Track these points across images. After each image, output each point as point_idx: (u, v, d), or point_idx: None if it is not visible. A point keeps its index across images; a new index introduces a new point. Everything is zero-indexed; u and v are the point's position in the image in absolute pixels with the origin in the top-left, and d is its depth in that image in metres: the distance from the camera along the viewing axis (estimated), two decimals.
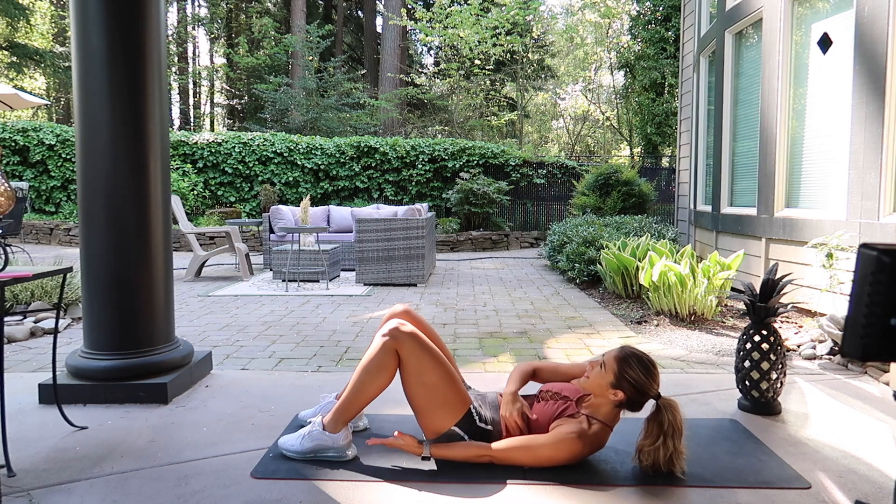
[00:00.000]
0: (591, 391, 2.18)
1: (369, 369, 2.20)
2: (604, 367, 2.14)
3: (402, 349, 2.18)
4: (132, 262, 2.91)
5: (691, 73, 8.30)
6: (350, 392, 2.22)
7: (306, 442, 2.24)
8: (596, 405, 2.18)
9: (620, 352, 2.15)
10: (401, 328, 2.19)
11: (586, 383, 2.18)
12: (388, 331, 2.19)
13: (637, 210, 9.46)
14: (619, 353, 2.14)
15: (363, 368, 2.22)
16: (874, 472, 2.18)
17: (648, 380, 2.09)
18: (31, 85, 22.25)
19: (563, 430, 2.12)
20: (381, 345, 2.19)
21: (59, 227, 10.77)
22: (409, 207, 7.09)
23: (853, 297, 0.95)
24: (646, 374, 2.09)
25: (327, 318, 4.96)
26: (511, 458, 2.15)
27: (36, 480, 2.11)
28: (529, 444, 2.14)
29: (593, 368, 2.18)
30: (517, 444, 2.15)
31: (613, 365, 2.12)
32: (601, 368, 2.15)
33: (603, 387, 2.13)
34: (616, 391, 2.11)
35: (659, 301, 4.84)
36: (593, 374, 2.16)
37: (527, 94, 21.11)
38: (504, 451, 2.15)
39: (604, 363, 2.15)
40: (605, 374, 2.13)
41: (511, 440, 2.17)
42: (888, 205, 4.00)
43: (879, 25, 4.02)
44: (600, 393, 2.15)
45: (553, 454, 2.11)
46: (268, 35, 22.52)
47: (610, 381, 2.11)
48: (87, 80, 2.83)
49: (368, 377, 2.20)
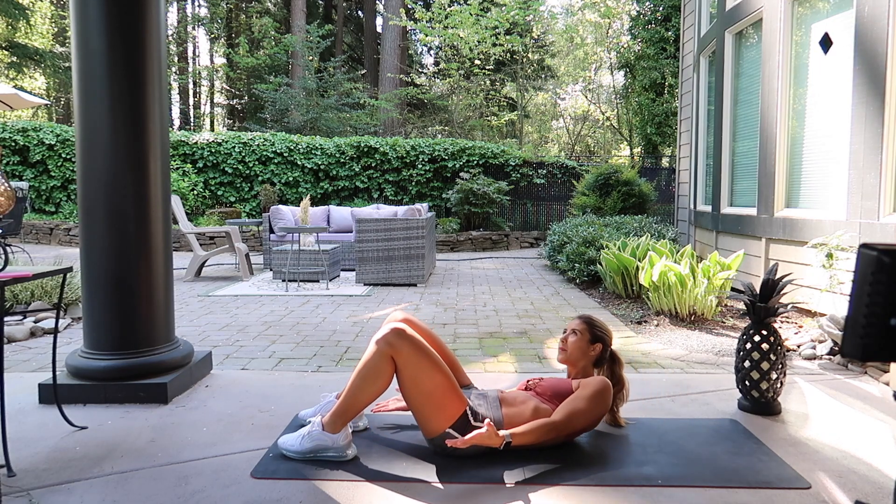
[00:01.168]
0: (574, 358, 2.53)
1: (365, 375, 2.21)
2: (577, 333, 2.54)
3: (398, 356, 2.18)
4: (132, 262, 2.91)
5: (691, 73, 8.30)
6: (348, 395, 2.23)
7: (306, 442, 2.25)
8: (583, 368, 2.53)
9: (582, 317, 2.60)
10: (396, 334, 2.19)
11: (566, 355, 2.54)
12: (383, 337, 2.20)
13: (637, 210, 9.46)
14: (582, 318, 2.60)
15: (359, 374, 2.22)
16: (874, 472, 2.18)
17: (607, 327, 2.62)
18: (31, 85, 22.25)
19: (592, 381, 2.38)
20: (376, 351, 2.20)
21: (59, 227, 10.76)
22: (409, 207, 7.09)
23: (853, 297, 0.95)
24: (605, 325, 2.62)
25: (327, 318, 4.96)
26: (573, 422, 2.29)
27: (36, 480, 2.11)
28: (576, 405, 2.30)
29: (567, 339, 2.54)
30: (570, 409, 2.30)
31: (584, 326, 2.56)
32: (575, 335, 2.54)
33: (584, 348, 2.52)
34: (594, 345, 2.54)
35: (659, 301, 4.84)
36: (570, 343, 2.53)
37: (527, 94, 21.11)
38: (564, 419, 2.28)
39: (575, 329, 2.55)
40: (581, 336, 2.53)
41: (561, 407, 2.32)
42: (888, 205, 4.00)
43: (879, 25, 4.02)
44: (582, 355, 2.52)
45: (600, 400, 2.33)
46: (268, 35, 22.52)
47: (588, 339, 2.54)
48: (87, 80, 2.83)
49: (364, 383, 2.21)
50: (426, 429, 2.26)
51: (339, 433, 2.24)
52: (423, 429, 2.27)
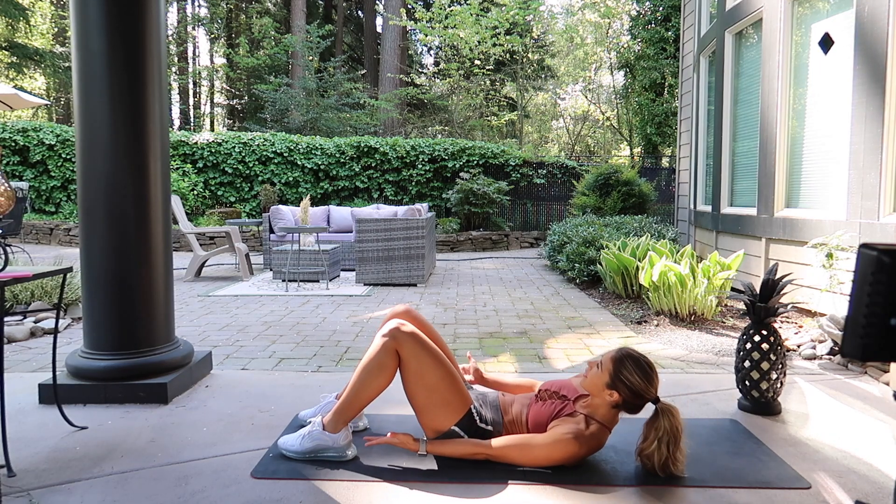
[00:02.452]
0: (588, 391, 2.19)
1: (369, 369, 2.20)
2: (600, 367, 2.15)
3: (403, 349, 2.17)
4: (132, 262, 2.91)
5: (691, 73, 8.30)
6: (350, 392, 2.22)
7: (306, 442, 2.24)
8: (594, 405, 2.17)
9: (618, 353, 2.15)
10: (401, 328, 2.19)
11: (584, 382, 2.21)
12: (389, 331, 2.19)
13: (637, 210, 9.46)
14: (615, 354, 2.15)
15: (363, 368, 2.21)
16: (874, 472, 2.18)
17: (645, 383, 2.09)
18: (31, 85, 22.25)
19: (560, 431, 2.11)
20: (381, 345, 2.19)
21: (59, 227, 10.76)
22: (409, 207, 7.09)
23: (853, 297, 0.95)
24: (642, 377, 2.09)
25: (327, 318, 4.96)
26: (507, 455, 2.15)
27: (36, 480, 2.11)
28: (526, 443, 2.14)
29: (591, 368, 2.19)
30: (514, 443, 2.15)
31: (609, 365, 2.13)
32: (598, 368, 2.16)
33: (599, 387, 2.14)
34: (612, 392, 2.12)
35: (659, 301, 4.84)
36: (591, 373, 2.18)
37: (527, 94, 21.11)
38: (501, 448, 2.15)
39: (601, 363, 2.16)
40: (602, 374, 2.14)
41: (508, 438, 2.17)
42: (888, 205, 4.00)
43: (879, 25, 4.02)
44: (597, 393, 2.16)
45: (549, 454, 2.11)
46: (268, 35, 22.52)
47: (606, 381, 2.12)
48: (87, 80, 2.83)
49: (368, 377, 2.20)
50: (430, 427, 2.24)
51: (339, 433, 2.24)
52: (427, 427, 2.25)
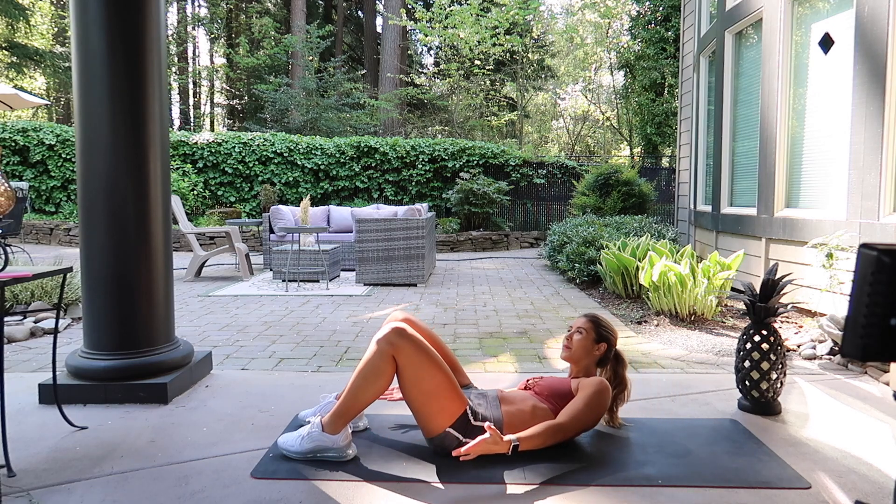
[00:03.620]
0: (577, 356, 2.50)
1: (366, 375, 2.20)
2: (583, 331, 2.52)
3: (399, 355, 2.18)
4: (132, 262, 2.91)
5: (691, 73, 8.30)
6: (348, 395, 2.22)
7: (306, 442, 2.24)
8: (577, 370, 2.51)
9: (588, 316, 2.58)
10: (397, 334, 2.19)
11: (570, 353, 2.51)
12: (384, 336, 2.20)
13: (637, 210, 9.46)
14: (589, 316, 2.58)
15: (360, 373, 2.22)
16: (874, 472, 2.18)
17: (613, 327, 2.59)
18: (31, 85, 22.24)
19: (590, 382, 2.38)
20: (377, 351, 2.20)
21: (59, 227, 10.76)
22: (409, 207, 7.09)
23: (853, 297, 0.95)
24: (609, 323, 2.59)
25: (327, 318, 4.96)
26: (578, 421, 2.29)
27: (36, 480, 2.11)
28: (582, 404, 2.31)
29: (571, 340, 2.51)
30: (575, 407, 2.31)
31: (590, 325, 2.53)
32: (580, 333, 2.51)
33: (588, 347, 2.50)
34: (599, 345, 2.52)
35: (659, 301, 4.84)
36: (575, 342, 2.50)
37: (527, 94, 21.11)
38: (569, 419, 2.28)
39: (581, 328, 2.53)
40: (587, 336, 2.51)
41: (566, 409, 2.32)
42: (888, 205, 4.00)
43: (879, 25, 4.02)
44: (586, 354, 2.50)
45: (601, 399, 2.34)
46: (268, 35, 22.52)
47: (592, 338, 2.52)
48: (87, 80, 2.83)
49: (365, 383, 2.20)
50: (426, 428, 2.26)
51: (338, 434, 2.24)
52: (424, 429, 2.27)
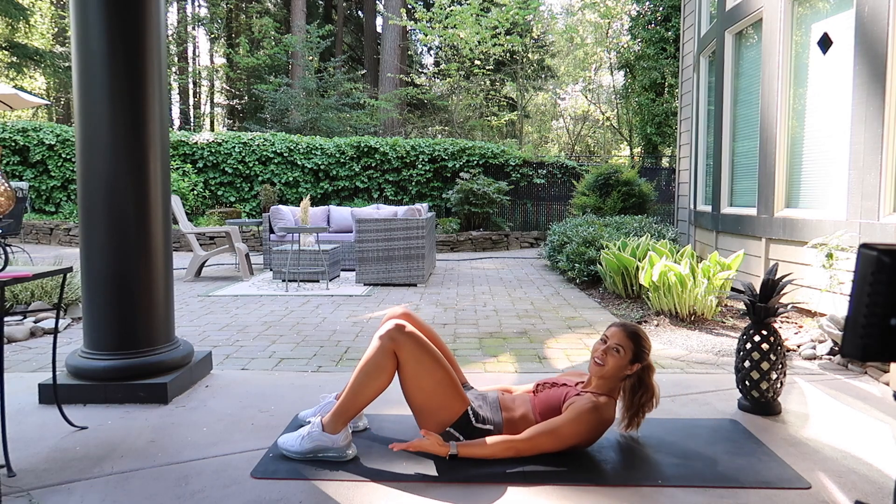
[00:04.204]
0: (609, 375, 2.29)
1: (367, 371, 2.20)
2: (621, 350, 2.28)
3: (401, 351, 2.18)
4: (132, 262, 2.90)
5: (691, 73, 8.30)
6: (349, 393, 2.22)
7: (306, 442, 2.24)
8: (600, 384, 2.30)
9: (627, 329, 2.32)
10: (399, 330, 2.19)
11: (602, 371, 2.29)
12: (386, 332, 2.20)
13: (637, 210, 9.46)
14: (628, 332, 2.31)
15: (361, 370, 2.22)
16: (874, 472, 2.18)
17: (649, 341, 2.35)
18: (31, 85, 22.24)
19: (578, 406, 2.21)
20: (378, 347, 2.19)
21: (59, 227, 10.76)
22: (409, 207, 7.09)
23: (853, 297, 0.95)
24: (647, 338, 2.35)
25: (327, 318, 4.96)
26: (537, 444, 2.19)
27: (36, 480, 2.11)
28: (551, 427, 2.19)
29: (607, 355, 2.28)
30: (540, 430, 2.19)
31: (629, 343, 2.29)
32: (618, 353, 2.27)
33: (622, 367, 2.29)
34: (634, 365, 2.30)
35: (659, 301, 4.84)
36: (609, 360, 2.27)
37: (527, 94, 21.11)
38: (529, 439, 2.18)
39: (620, 346, 2.28)
40: (624, 354, 2.27)
41: (532, 428, 2.21)
42: (888, 205, 4.00)
43: (879, 25, 4.02)
44: (619, 373, 2.29)
45: (576, 429, 2.18)
46: (268, 35, 22.51)
47: (629, 358, 2.29)
48: (87, 80, 2.83)
49: (367, 379, 2.20)
50: (427, 427, 2.25)
51: (338, 434, 2.23)
52: (424, 427, 2.26)
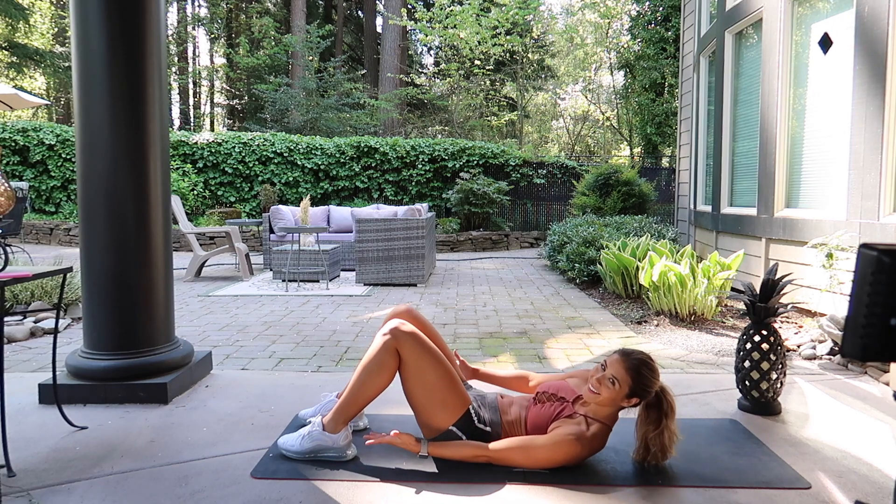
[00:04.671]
0: (602, 403, 2.14)
1: (370, 368, 2.20)
2: (616, 383, 2.10)
3: (403, 348, 2.18)
4: (132, 262, 2.90)
5: (691, 73, 8.30)
6: (350, 391, 2.22)
7: (306, 442, 2.24)
8: (597, 408, 2.17)
9: (628, 362, 2.12)
10: (402, 327, 2.19)
11: (595, 399, 2.14)
12: (389, 330, 2.20)
13: (637, 210, 9.46)
14: (628, 365, 2.12)
15: (364, 367, 2.21)
16: (874, 472, 2.18)
17: (657, 378, 2.15)
18: (31, 85, 22.24)
19: (561, 432, 2.11)
20: (381, 344, 2.19)
21: (59, 227, 10.76)
22: (409, 207, 7.09)
23: (853, 297, 0.95)
24: (654, 375, 2.14)
25: (327, 318, 4.96)
26: (508, 458, 2.15)
27: (36, 480, 2.10)
28: (527, 445, 2.13)
29: (601, 385, 2.12)
30: (515, 445, 2.15)
31: (627, 378, 2.11)
32: (612, 384, 2.10)
33: (616, 400, 2.12)
34: (631, 399, 2.13)
35: (659, 301, 4.84)
36: (604, 390, 2.12)
37: (527, 94, 21.11)
38: (501, 451, 2.14)
39: (615, 379, 2.10)
40: (620, 388, 2.11)
41: (509, 440, 2.17)
42: (888, 205, 4.00)
43: (879, 25, 4.02)
44: (611, 405, 2.14)
45: (550, 455, 2.11)
46: (268, 35, 22.51)
47: (625, 393, 2.11)
48: (87, 80, 2.83)
49: (369, 376, 2.20)
50: (428, 427, 2.25)
51: (339, 433, 2.23)
52: (425, 428, 2.26)
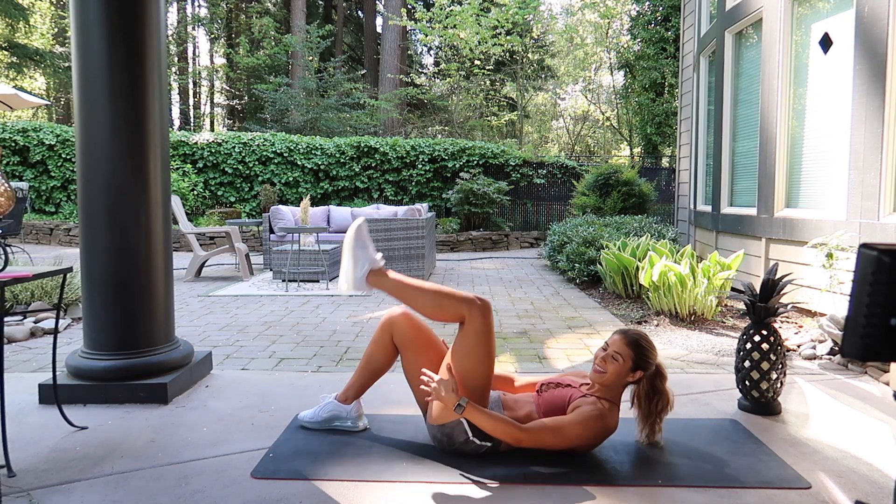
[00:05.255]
0: (609, 382, 2.26)
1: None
2: (620, 358, 2.24)
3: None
4: (132, 262, 2.90)
5: (691, 73, 8.30)
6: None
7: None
8: (604, 387, 2.27)
9: (627, 337, 2.28)
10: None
11: (602, 378, 2.25)
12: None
13: (637, 210, 9.46)
14: (628, 340, 2.27)
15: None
16: (874, 472, 2.18)
17: (654, 350, 2.31)
18: (31, 85, 22.23)
19: (586, 410, 2.20)
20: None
21: (59, 227, 10.76)
22: (409, 207, 7.10)
23: (853, 297, 0.95)
24: (652, 347, 2.31)
25: (327, 318, 4.96)
26: (540, 439, 2.17)
27: (36, 480, 2.11)
28: (558, 425, 2.18)
29: (607, 363, 2.25)
30: (545, 426, 2.18)
31: (629, 352, 2.25)
32: (616, 360, 2.24)
33: (622, 374, 2.25)
34: (636, 373, 2.27)
35: (659, 301, 4.84)
36: (609, 367, 2.24)
37: (527, 94, 21.11)
38: (533, 431, 2.16)
39: (619, 354, 2.24)
40: (624, 363, 2.24)
41: (538, 422, 2.20)
42: (888, 205, 4.00)
43: (879, 25, 4.02)
44: (619, 380, 2.26)
45: (582, 432, 2.17)
46: (268, 35, 22.51)
47: (629, 366, 2.25)
48: (87, 80, 2.83)
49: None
50: (437, 414, 2.23)
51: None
52: (433, 414, 2.25)
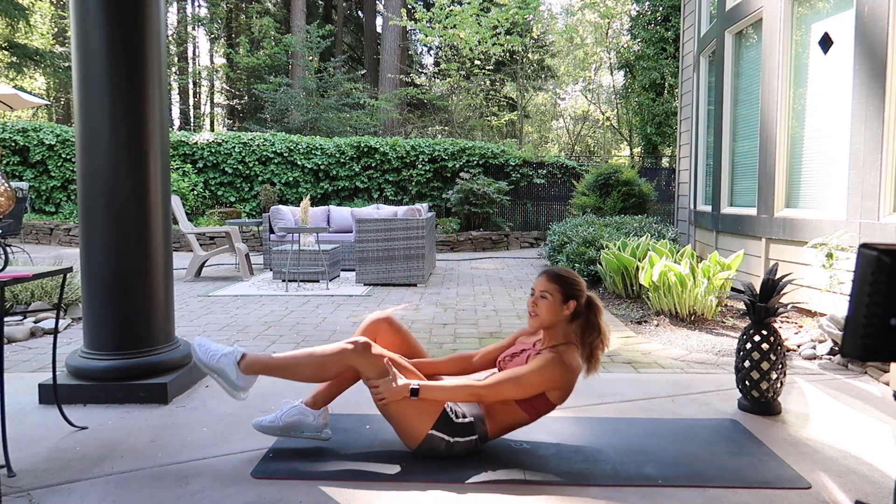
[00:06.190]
0: (547, 322, 2.26)
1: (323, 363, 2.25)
2: (548, 295, 2.25)
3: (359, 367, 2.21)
4: (132, 262, 2.91)
5: (691, 73, 8.30)
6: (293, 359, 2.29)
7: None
8: (551, 335, 2.28)
9: (547, 274, 2.29)
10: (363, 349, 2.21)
11: (539, 321, 2.26)
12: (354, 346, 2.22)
13: (637, 210, 9.45)
14: (549, 276, 2.28)
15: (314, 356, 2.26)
16: (874, 472, 2.19)
17: (579, 278, 2.31)
18: (31, 85, 22.23)
19: (542, 357, 2.20)
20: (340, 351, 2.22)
21: (59, 227, 10.76)
22: (409, 207, 7.10)
23: (853, 297, 0.95)
24: (574, 275, 2.31)
25: (327, 319, 4.96)
26: (501, 391, 2.17)
27: (36, 480, 2.11)
28: (516, 375, 2.17)
29: (537, 305, 2.26)
30: (504, 377, 2.18)
31: (553, 286, 2.26)
32: (545, 298, 2.25)
33: (556, 310, 2.25)
34: (567, 304, 2.25)
35: (659, 301, 4.84)
36: (541, 308, 2.25)
37: (527, 94, 21.11)
38: (492, 385, 2.16)
39: (545, 292, 2.25)
40: (552, 298, 2.25)
41: (495, 375, 2.20)
42: (888, 205, 4.00)
43: (879, 25, 4.02)
44: (555, 317, 2.25)
45: (539, 379, 2.16)
46: (268, 35, 22.50)
47: (559, 299, 2.25)
48: (87, 80, 2.83)
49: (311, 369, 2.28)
50: (409, 437, 2.23)
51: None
52: (407, 438, 2.24)
